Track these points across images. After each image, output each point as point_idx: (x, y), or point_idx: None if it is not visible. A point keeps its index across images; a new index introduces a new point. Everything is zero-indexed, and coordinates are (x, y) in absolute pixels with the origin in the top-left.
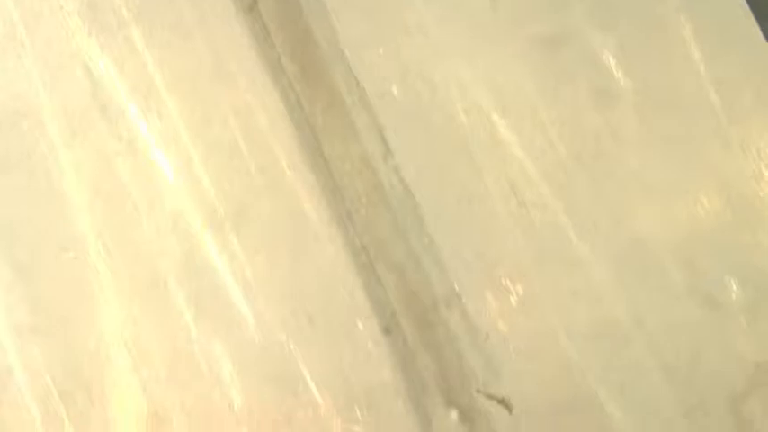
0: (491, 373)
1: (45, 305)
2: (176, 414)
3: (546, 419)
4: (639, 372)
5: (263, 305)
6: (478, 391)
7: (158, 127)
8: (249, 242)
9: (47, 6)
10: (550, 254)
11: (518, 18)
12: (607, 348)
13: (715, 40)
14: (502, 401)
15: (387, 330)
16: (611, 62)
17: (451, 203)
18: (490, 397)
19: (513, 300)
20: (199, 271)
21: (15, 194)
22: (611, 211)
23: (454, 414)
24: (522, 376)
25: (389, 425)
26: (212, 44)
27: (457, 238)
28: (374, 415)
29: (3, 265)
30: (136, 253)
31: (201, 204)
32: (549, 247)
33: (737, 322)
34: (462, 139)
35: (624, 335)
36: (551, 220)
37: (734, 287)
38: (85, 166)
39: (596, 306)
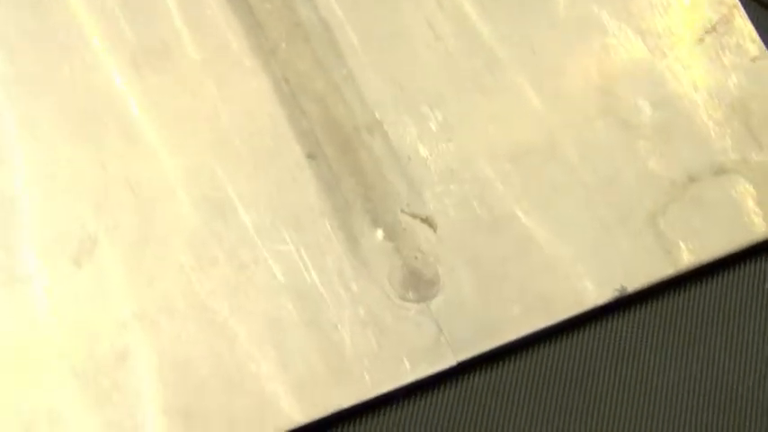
0: (414, 195)
1: None
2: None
3: (468, 236)
4: (558, 191)
5: (190, 135)
6: (403, 211)
7: None
8: (171, 77)
9: None
10: (469, 83)
11: None
12: (526, 170)
13: None
14: (426, 220)
15: (311, 156)
16: None
17: (371, 39)
18: (414, 216)
19: (432, 125)
20: (118, 107)
21: None
22: (528, 41)
23: (380, 233)
24: (444, 197)
25: (317, 244)
26: None
27: (377, 70)
28: (302, 236)
29: None
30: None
31: (121, 44)
32: (467, 76)
33: (652, 143)
34: None
35: (542, 157)
36: (469, 51)
37: (647, 110)
38: None
39: (515, 130)
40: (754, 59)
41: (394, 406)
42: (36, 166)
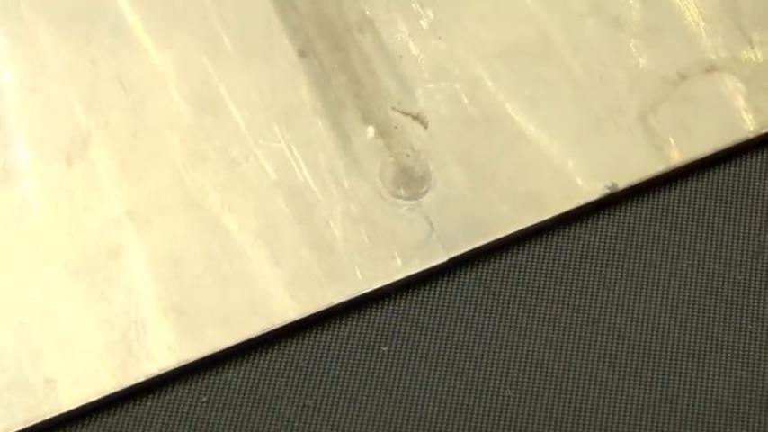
0: (405, 93)
1: None
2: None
3: (459, 133)
4: (549, 89)
5: (181, 31)
6: (393, 108)
7: None
8: None
9: None
10: None
11: None
12: (517, 68)
13: None
14: (416, 117)
15: (302, 53)
16: None
17: None
18: (405, 113)
19: (423, 24)
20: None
21: None
22: None
23: (371, 130)
24: (435, 94)
25: (309, 142)
26: None
27: None
28: (293, 133)
29: None
30: None
31: None
32: None
33: (642, 40)
34: None
35: (533, 55)
36: None
37: (637, 7)
38: None
39: (505, 28)
40: None
41: (385, 302)
42: (25, 63)
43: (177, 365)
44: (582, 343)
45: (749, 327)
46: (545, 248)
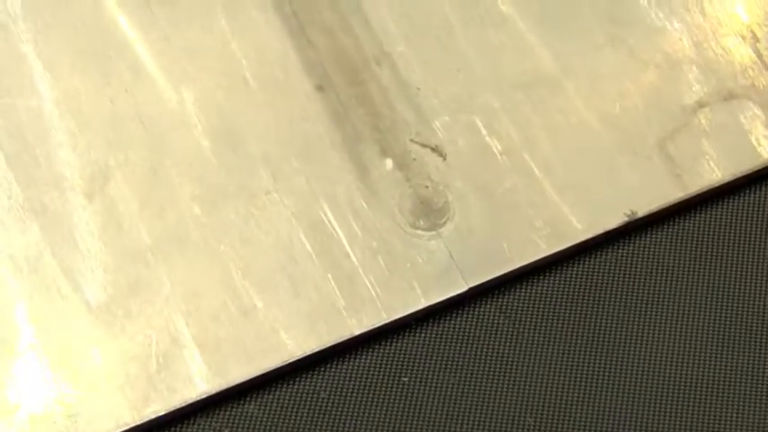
0: (423, 124)
1: None
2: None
3: (477, 163)
4: (567, 119)
5: (200, 68)
6: (412, 140)
7: None
8: (182, 14)
9: None
10: (478, 14)
11: None
12: (535, 98)
13: None
14: (435, 149)
15: (319, 87)
16: None
17: None
18: (423, 145)
19: (440, 56)
20: (127, 40)
21: None
22: None
23: (389, 162)
24: (453, 126)
25: (328, 175)
26: None
27: (385, 1)
28: (312, 166)
29: None
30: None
31: None
32: (476, 6)
33: (660, 69)
34: None
35: (551, 85)
36: None
37: (654, 36)
38: None
39: (523, 60)
40: None
41: (405, 333)
42: (45, 102)
43: (198, 398)
44: (602, 371)
45: None
46: (565, 277)
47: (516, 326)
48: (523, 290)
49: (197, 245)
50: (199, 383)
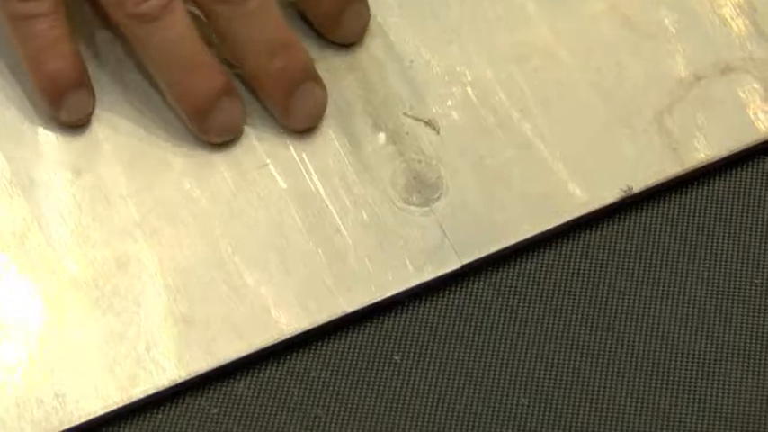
0: (416, 98)
1: None
2: None
3: (472, 137)
4: (562, 91)
5: None
6: (405, 114)
7: None
8: None
9: None
10: None
11: None
12: (530, 71)
13: None
14: (428, 123)
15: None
16: None
17: None
18: (416, 119)
19: (434, 28)
20: None
21: None
22: None
23: (382, 136)
24: (447, 99)
25: (319, 149)
26: None
27: None
28: (303, 140)
29: None
30: None
31: None
32: None
33: (657, 41)
34: None
35: (545, 58)
36: None
37: (651, 7)
38: None
39: (517, 31)
40: None
41: (398, 310)
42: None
43: (187, 377)
44: (597, 349)
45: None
46: (560, 254)
47: (510, 303)
48: (518, 266)
49: (186, 220)
50: (187, 362)
